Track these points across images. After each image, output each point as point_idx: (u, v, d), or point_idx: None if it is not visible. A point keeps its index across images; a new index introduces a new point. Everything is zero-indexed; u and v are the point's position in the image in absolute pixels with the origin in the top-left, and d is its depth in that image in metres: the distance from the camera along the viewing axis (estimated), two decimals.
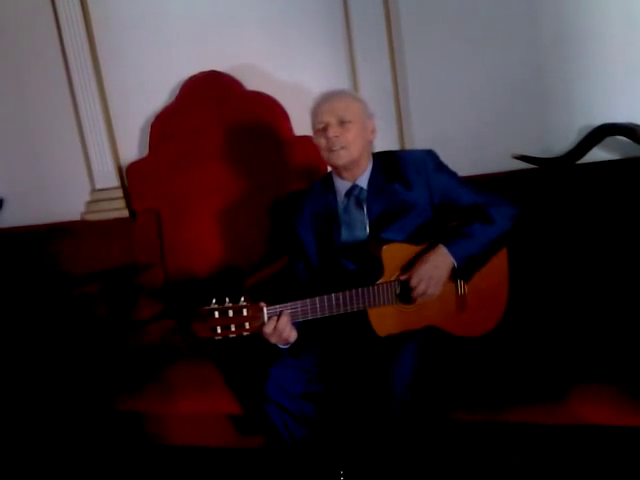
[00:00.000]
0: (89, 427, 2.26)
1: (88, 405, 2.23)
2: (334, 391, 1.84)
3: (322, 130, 1.84)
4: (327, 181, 1.98)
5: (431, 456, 1.70)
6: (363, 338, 1.80)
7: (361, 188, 1.89)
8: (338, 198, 1.93)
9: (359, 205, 1.89)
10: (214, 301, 1.62)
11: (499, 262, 1.88)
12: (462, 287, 1.83)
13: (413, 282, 1.73)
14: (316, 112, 1.87)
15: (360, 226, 1.89)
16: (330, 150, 1.83)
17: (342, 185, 1.91)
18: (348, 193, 1.90)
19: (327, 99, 1.87)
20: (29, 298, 2.81)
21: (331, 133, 1.81)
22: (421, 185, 1.87)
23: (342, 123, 1.82)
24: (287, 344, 1.75)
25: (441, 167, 1.90)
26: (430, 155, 1.90)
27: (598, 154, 2.29)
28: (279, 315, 1.67)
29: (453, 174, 1.91)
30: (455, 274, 1.79)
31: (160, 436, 2.20)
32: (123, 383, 2.18)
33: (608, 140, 2.26)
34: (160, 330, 2.45)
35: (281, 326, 1.67)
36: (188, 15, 2.75)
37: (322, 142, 1.85)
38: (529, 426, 1.75)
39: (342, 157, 1.83)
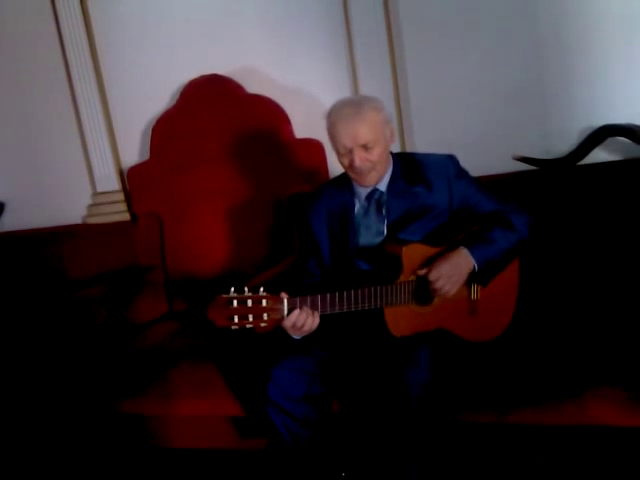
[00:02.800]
0: (91, 429, 2.26)
1: (90, 407, 2.22)
2: (339, 392, 1.83)
3: (347, 152, 1.79)
4: (344, 180, 1.95)
5: (443, 458, 1.69)
6: (378, 338, 1.79)
7: (381, 192, 1.88)
8: (356, 201, 1.91)
9: (379, 209, 1.88)
10: (232, 289, 1.57)
11: (511, 269, 1.88)
12: (475, 292, 1.83)
13: (432, 276, 1.72)
14: (337, 136, 1.79)
15: (379, 230, 1.88)
16: (357, 173, 1.81)
17: (362, 189, 1.90)
18: (368, 197, 1.89)
19: (347, 120, 1.77)
20: (32, 302, 2.81)
21: (357, 162, 1.77)
22: (442, 189, 1.86)
23: (365, 147, 1.77)
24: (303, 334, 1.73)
25: (462, 173, 1.90)
26: (452, 160, 1.89)
27: (599, 155, 2.29)
28: (300, 309, 1.65)
29: (473, 180, 1.91)
30: (473, 278, 1.79)
31: (162, 438, 2.20)
32: (125, 385, 2.17)
33: (609, 141, 2.26)
34: (162, 333, 2.46)
35: (300, 321, 1.65)
36: (189, 19, 2.75)
37: (346, 162, 1.81)
38: (540, 428, 1.75)
39: (371, 179, 1.83)
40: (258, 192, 2.61)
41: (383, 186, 1.89)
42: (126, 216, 2.93)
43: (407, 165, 1.91)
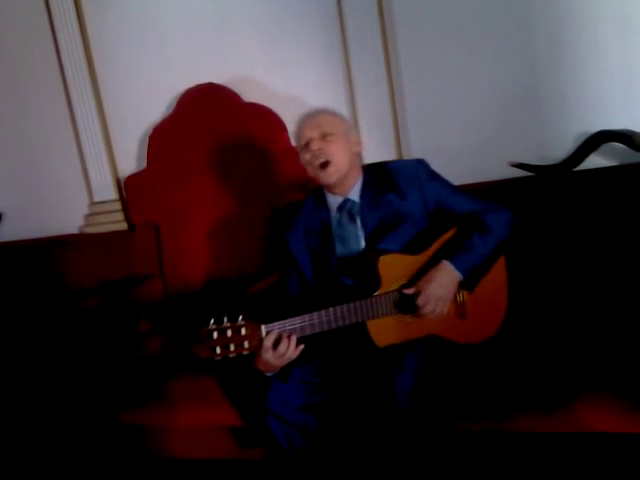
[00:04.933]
0: (91, 440, 2.26)
1: (90, 418, 2.22)
2: (335, 402, 1.83)
3: (306, 145, 1.85)
4: (318, 196, 1.97)
5: (434, 466, 1.69)
6: (363, 349, 1.79)
7: (353, 202, 1.89)
8: (331, 213, 1.92)
9: (352, 219, 1.88)
10: (212, 321, 1.62)
11: (497, 268, 1.88)
12: (461, 295, 1.83)
13: (420, 302, 1.72)
14: (299, 130, 1.89)
15: (354, 240, 1.88)
16: (315, 165, 1.83)
17: (334, 200, 1.91)
18: (340, 207, 1.90)
19: (308, 116, 1.89)
20: (30, 312, 2.80)
21: (314, 146, 1.82)
22: (415, 195, 1.87)
23: (324, 136, 1.83)
24: (274, 371, 1.75)
25: (433, 176, 1.90)
26: (421, 164, 1.90)
27: (595, 161, 2.30)
28: (280, 338, 1.67)
29: (445, 182, 1.91)
30: (460, 286, 1.79)
31: (161, 449, 2.19)
32: (124, 396, 2.17)
33: (605, 147, 2.27)
34: (160, 343, 2.45)
35: (282, 349, 1.66)
36: (185, 28, 2.76)
37: (307, 157, 1.85)
38: (534, 435, 1.74)
39: (331, 175, 1.83)
40: (255, 200, 2.61)
41: (355, 196, 1.89)
42: (123, 225, 2.93)
43: (377, 174, 1.92)
